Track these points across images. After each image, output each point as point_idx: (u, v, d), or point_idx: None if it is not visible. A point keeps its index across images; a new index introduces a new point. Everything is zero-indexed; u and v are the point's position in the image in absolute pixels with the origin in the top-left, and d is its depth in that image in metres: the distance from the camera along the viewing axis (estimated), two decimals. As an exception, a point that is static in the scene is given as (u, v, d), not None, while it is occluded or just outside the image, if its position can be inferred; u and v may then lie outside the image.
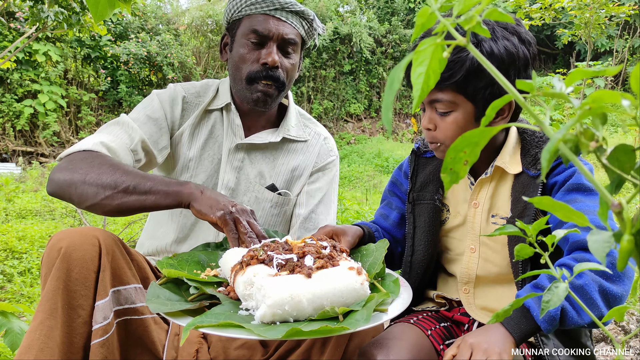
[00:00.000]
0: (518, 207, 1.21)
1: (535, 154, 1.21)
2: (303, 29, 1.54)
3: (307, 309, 0.96)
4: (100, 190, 1.26)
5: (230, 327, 0.93)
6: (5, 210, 5.13)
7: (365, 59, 13.19)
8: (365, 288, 1.02)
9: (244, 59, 1.50)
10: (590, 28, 4.88)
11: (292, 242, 1.14)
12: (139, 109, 1.54)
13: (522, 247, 0.67)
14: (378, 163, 10.37)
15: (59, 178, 1.31)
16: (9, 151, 10.10)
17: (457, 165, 0.44)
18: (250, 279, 1.01)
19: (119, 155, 1.40)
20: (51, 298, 1.10)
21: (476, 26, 0.42)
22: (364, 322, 0.92)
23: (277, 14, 1.49)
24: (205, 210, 1.22)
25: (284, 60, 1.52)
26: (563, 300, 1.00)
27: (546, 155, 0.37)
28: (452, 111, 1.20)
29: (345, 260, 1.08)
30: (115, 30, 11.55)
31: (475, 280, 1.30)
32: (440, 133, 1.23)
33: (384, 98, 0.41)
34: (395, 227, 1.48)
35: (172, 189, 1.26)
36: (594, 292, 1.01)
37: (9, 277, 3.17)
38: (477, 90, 1.16)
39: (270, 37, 1.48)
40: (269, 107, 1.55)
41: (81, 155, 1.34)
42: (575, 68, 4.20)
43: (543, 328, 1.01)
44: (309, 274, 0.99)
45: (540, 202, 0.43)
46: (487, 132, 0.44)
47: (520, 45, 1.17)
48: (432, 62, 0.43)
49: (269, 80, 1.49)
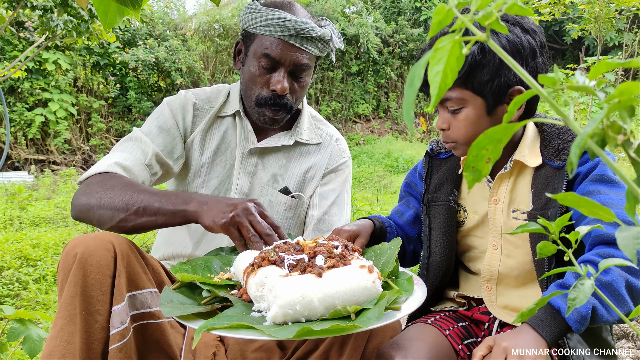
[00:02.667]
0: (541, 199, 1.20)
1: (558, 145, 1.21)
2: (317, 49, 1.48)
3: (318, 309, 0.95)
4: (115, 213, 1.27)
5: (242, 328, 0.93)
6: (18, 218, 5.18)
7: (372, 59, 13.18)
8: (377, 286, 1.01)
9: (253, 80, 1.48)
10: (601, 22, 4.83)
11: (304, 242, 1.14)
12: (151, 120, 1.54)
13: (545, 245, 0.66)
14: (388, 163, 10.34)
15: (79, 203, 1.34)
16: (21, 160, 10.19)
17: (479, 163, 0.43)
18: (261, 280, 1.01)
19: (134, 172, 1.42)
20: (70, 304, 1.11)
21: (495, 22, 0.41)
22: (376, 320, 0.91)
23: (292, 40, 1.43)
24: (210, 223, 1.21)
25: (295, 85, 1.49)
26: (590, 297, 0.99)
27: (576, 150, 0.36)
28: (462, 108, 1.20)
29: (357, 259, 1.08)
30: (124, 37, 11.63)
31: (497, 278, 1.29)
32: (454, 131, 1.23)
33: (405, 97, 0.40)
34: (409, 224, 1.48)
35: (178, 208, 1.26)
36: (622, 289, 1.00)
37: (24, 285, 3.19)
38: (483, 84, 1.16)
39: (282, 63, 1.45)
40: (276, 126, 1.55)
41: (97, 178, 1.36)
42: (585, 63, 4.15)
43: (575, 329, 1.00)
44: (320, 273, 0.99)
45: (565, 199, 0.42)
46: (510, 128, 0.43)
47: (523, 35, 1.17)
48: (449, 59, 0.42)
49: (277, 107, 1.48)
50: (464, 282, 1.41)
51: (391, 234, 1.43)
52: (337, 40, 1.54)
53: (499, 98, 1.18)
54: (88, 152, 10.89)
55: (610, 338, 1.21)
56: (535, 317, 1.03)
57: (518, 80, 1.18)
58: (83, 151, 10.87)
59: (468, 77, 1.15)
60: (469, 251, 1.38)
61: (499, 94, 1.17)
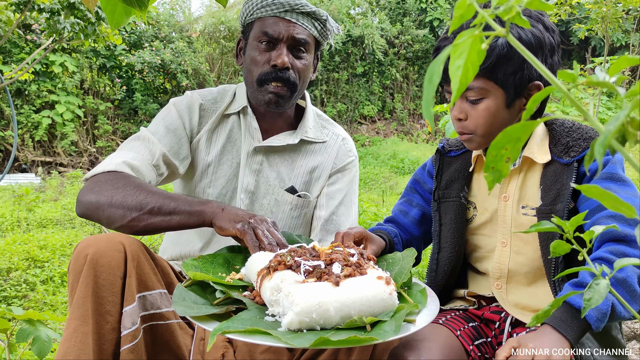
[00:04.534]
0: (549, 195, 1.20)
1: (567, 142, 1.22)
2: (316, 29, 1.52)
3: (334, 318, 0.95)
4: (126, 212, 1.27)
5: (257, 333, 0.92)
6: (26, 219, 5.20)
7: (377, 60, 13.17)
8: (394, 298, 1.00)
9: (255, 61, 1.50)
10: (607, 22, 4.80)
11: (320, 248, 1.13)
12: (158, 120, 1.55)
13: (559, 244, 0.65)
14: (393, 164, 10.33)
15: (87, 200, 1.33)
16: (28, 162, 10.25)
17: (499, 163, 0.42)
18: (277, 284, 1.00)
19: (141, 172, 1.42)
20: (82, 305, 1.11)
21: (516, 17, 0.41)
22: (393, 333, 0.91)
23: (288, 15, 1.48)
24: (225, 225, 1.23)
25: (296, 61, 1.51)
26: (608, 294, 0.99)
27: (600, 149, 0.35)
28: (483, 98, 1.20)
29: (372, 268, 1.06)
30: (130, 40, 11.68)
31: (507, 275, 1.29)
32: (472, 122, 1.23)
33: (424, 93, 0.40)
34: (414, 224, 1.48)
35: (195, 208, 1.27)
36: (635, 284, 1.01)
37: (32, 286, 3.21)
38: (507, 76, 1.17)
39: (280, 38, 1.48)
40: (282, 108, 1.54)
41: (106, 176, 1.36)
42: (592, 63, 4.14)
43: (595, 327, 1.00)
44: (337, 282, 0.98)
45: (589, 191, 0.42)
46: (529, 126, 0.42)
47: (545, 32, 1.19)
48: (470, 54, 0.42)
49: (279, 82, 1.48)
50: (473, 282, 1.41)
51: (397, 244, 1.44)
52: (333, 24, 1.58)
53: (519, 91, 1.20)
54: (95, 153, 10.94)
55: (620, 337, 1.21)
56: (555, 318, 1.03)
57: (538, 76, 1.20)
58: (90, 153, 10.92)
59: (494, 69, 1.17)
60: (475, 251, 1.38)
61: (519, 88, 1.20)
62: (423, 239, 1.51)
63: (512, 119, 1.24)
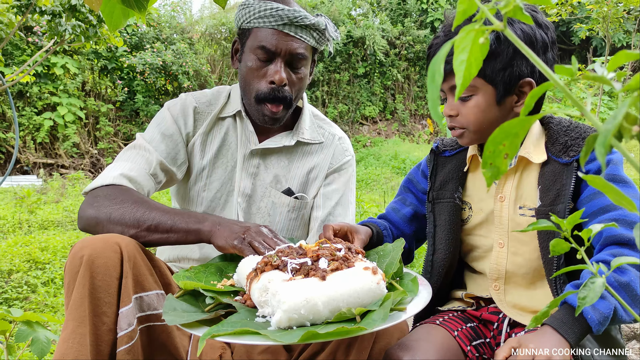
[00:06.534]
0: (549, 195, 1.19)
1: (565, 142, 1.21)
2: (313, 39, 1.48)
3: (323, 312, 0.95)
4: (124, 229, 1.28)
5: (247, 334, 0.92)
6: (27, 221, 5.20)
7: (379, 61, 13.17)
8: (382, 288, 1.00)
9: (251, 74, 1.47)
10: (609, 22, 4.79)
11: (306, 246, 1.13)
12: (153, 126, 1.54)
13: (558, 243, 0.64)
14: (395, 165, 10.31)
15: (86, 215, 1.33)
16: (30, 163, 10.26)
17: (497, 159, 0.42)
18: (264, 285, 1.00)
19: (139, 183, 1.42)
20: (80, 306, 1.11)
21: (516, 11, 0.40)
22: (381, 322, 0.91)
23: (286, 29, 1.43)
24: (222, 243, 1.24)
25: (293, 75, 1.48)
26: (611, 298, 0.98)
27: (601, 149, 0.35)
28: (472, 95, 1.21)
29: (360, 261, 1.07)
30: (131, 41, 11.70)
31: (505, 276, 1.28)
32: (463, 118, 1.24)
33: (429, 93, 0.40)
34: (405, 221, 1.48)
35: (192, 227, 1.28)
36: (638, 289, 1.00)
37: (33, 288, 3.20)
38: (496, 72, 1.18)
39: (278, 53, 1.44)
40: (277, 125, 1.53)
41: (104, 191, 1.36)
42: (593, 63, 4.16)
43: (595, 330, 0.99)
44: (323, 276, 0.98)
45: (594, 182, 0.41)
46: (527, 121, 0.42)
47: (537, 29, 1.18)
48: (473, 48, 0.41)
49: (277, 102, 1.46)
50: (470, 283, 1.40)
51: (387, 237, 1.43)
52: (333, 30, 1.53)
53: (509, 88, 1.20)
54: (96, 155, 10.95)
55: (620, 337, 1.20)
56: (556, 319, 1.02)
57: (529, 72, 1.19)
58: (91, 155, 10.93)
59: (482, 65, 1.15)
60: (472, 251, 1.37)
61: (509, 84, 1.19)
62: (415, 237, 1.50)
63: (504, 116, 1.23)
